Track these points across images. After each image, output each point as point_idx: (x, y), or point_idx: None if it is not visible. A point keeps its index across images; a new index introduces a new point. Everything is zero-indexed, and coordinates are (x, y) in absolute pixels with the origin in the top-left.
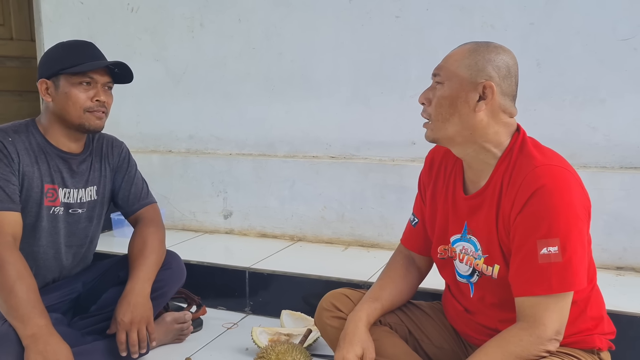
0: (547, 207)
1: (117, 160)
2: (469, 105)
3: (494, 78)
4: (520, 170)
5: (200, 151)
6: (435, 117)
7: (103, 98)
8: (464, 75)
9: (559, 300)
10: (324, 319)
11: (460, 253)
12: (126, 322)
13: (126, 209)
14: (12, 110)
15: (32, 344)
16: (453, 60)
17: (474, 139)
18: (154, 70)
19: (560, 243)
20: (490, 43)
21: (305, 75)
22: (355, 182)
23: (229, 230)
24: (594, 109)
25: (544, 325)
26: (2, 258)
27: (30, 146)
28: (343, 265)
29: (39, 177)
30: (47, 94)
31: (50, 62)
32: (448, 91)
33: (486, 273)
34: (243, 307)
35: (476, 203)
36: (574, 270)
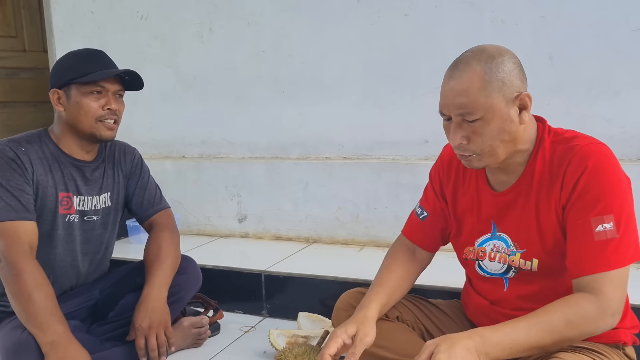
0: (600, 184)
1: (130, 167)
2: (515, 123)
3: (521, 85)
4: (564, 154)
5: (213, 156)
6: (488, 152)
7: (114, 106)
8: (499, 100)
9: (618, 275)
10: (341, 319)
11: (492, 252)
12: (144, 327)
13: (140, 214)
14: (27, 120)
15: (51, 351)
16: (477, 91)
17: (517, 145)
18: (165, 76)
19: (615, 219)
20: (487, 51)
21: (316, 77)
22: (369, 182)
23: (244, 234)
24: (608, 101)
25: (609, 299)
26: (19, 267)
27: (44, 155)
28: (359, 266)
29: (53, 185)
30: (59, 103)
31: (61, 71)
32: (493, 124)
33: (524, 268)
34: (260, 310)
35: (510, 198)
36: (629, 244)
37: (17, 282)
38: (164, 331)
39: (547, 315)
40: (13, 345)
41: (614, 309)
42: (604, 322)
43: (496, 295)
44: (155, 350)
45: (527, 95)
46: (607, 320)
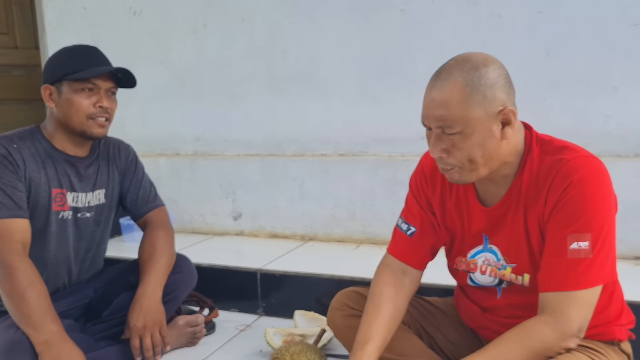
0: (581, 201)
1: (124, 164)
2: (497, 139)
3: (505, 99)
4: (551, 167)
5: (207, 153)
6: (467, 166)
7: (106, 104)
8: (480, 114)
9: (586, 296)
10: (337, 319)
11: (483, 265)
12: (139, 326)
13: (134, 212)
14: (20, 118)
15: (45, 350)
16: (457, 104)
17: (503, 161)
18: (158, 73)
19: (592, 238)
20: (472, 60)
21: (311, 73)
22: (365, 179)
23: (239, 232)
24: (606, 97)
25: (570, 321)
26: (12, 265)
27: (37, 152)
28: (355, 264)
29: (46, 182)
30: (51, 99)
31: (53, 68)
32: (473, 138)
33: (515, 282)
34: (255, 308)
35: (499, 214)
36: (602, 265)
37: (10, 280)
38: (158, 330)
39: (504, 347)
40: (7, 345)
41: (574, 330)
42: (565, 344)
43: (489, 302)
44: (150, 350)
45: (511, 111)
46: (568, 342)
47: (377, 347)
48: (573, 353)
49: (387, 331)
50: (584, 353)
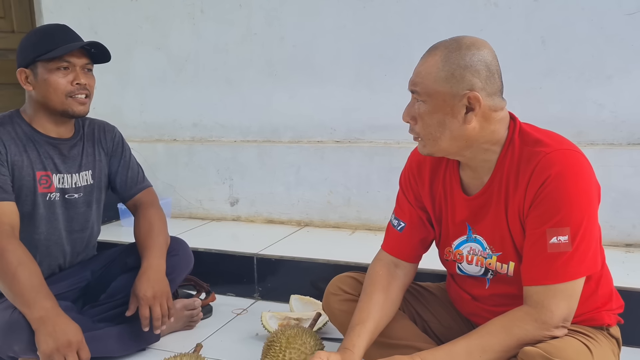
0: (560, 195)
1: (111, 145)
2: (458, 120)
3: (476, 85)
4: (529, 158)
5: (204, 139)
6: (426, 136)
7: (83, 81)
8: (444, 90)
9: (567, 288)
10: (332, 304)
11: (468, 255)
12: (149, 296)
13: (124, 193)
14: (17, 103)
15: (40, 326)
16: (427, 74)
17: (470, 144)
18: (156, 58)
19: (570, 232)
20: (461, 41)
21: (308, 60)
22: (361, 166)
23: (236, 217)
24: (600, 86)
25: (551, 312)
26: (2, 247)
27: (17, 136)
28: (350, 249)
29: (29, 165)
30: (27, 82)
31: (26, 50)
32: (432, 110)
33: (501, 271)
34: (252, 293)
35: (480, 202)
36: (583, 258)
37: (0, 262)
38: (166, 300)
39: (487, 336)
40: (5, 325)
41: (557, 322)
42: (549, 333)
43: (478, 292)
44: (160, 319)
45: (475, 97)
46: (552, 332)
47: (368, 328)
48: (564, 339)
49: (380, 315)
50: (575, 337)
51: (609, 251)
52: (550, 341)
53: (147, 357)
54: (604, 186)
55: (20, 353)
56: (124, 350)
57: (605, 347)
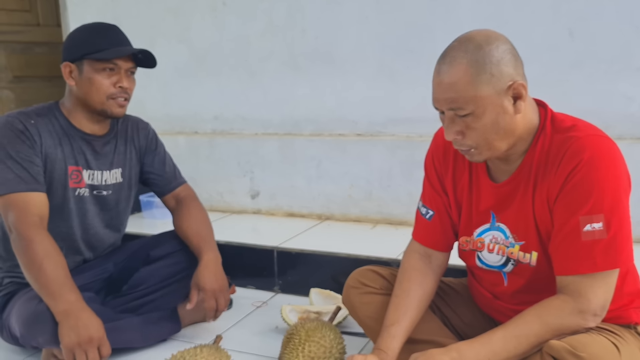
0: (592, 181)
1: (144, 142)
2: (510, 114)
3: (514, 73)
4: (560, 145)
5: (225, 132)
6: (484, 145)
7: (126, 84)
8: (489, 92)
9: (604, 277)
10: (352, 297)
11: (490, 243)
12: (216, 289)
13: (163, 188)
14: (43, 96)
15: (64, 319)
16: (464, 85)
17: (519, 135)
18: (178, 51)
19: (604, 219)
20: (475, 40)
21: (330, 52)
22: (383, 159)
23: (257, 211)
24: (629, 78)
25: (588, 301)
26: (29, 237)
27: (54, 128)
28: (371, 243)
29: (62, 159)
30: (71, 77)
31: (74, 46)
32: (482, 116)
33: (523, 261)
34: (272, 286)
35: (508, 190)
36: (619, 247)
37: (27, 252)
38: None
39: (523, 324)
40: (29, 316)
41: (594, 310)
42: (585, 323)
43: (497, 289)
44: (223, 311)
45: (520, 85)
46: (588, 320)
47: (404, 328)
48: (591, 335)
49: (415, 314)
50: (602, 335)
51: (635, 248)
52: (576, 336)
53: (167, 348)
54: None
55: (43, 344)
56: (145, 341)
57: (632, 346)
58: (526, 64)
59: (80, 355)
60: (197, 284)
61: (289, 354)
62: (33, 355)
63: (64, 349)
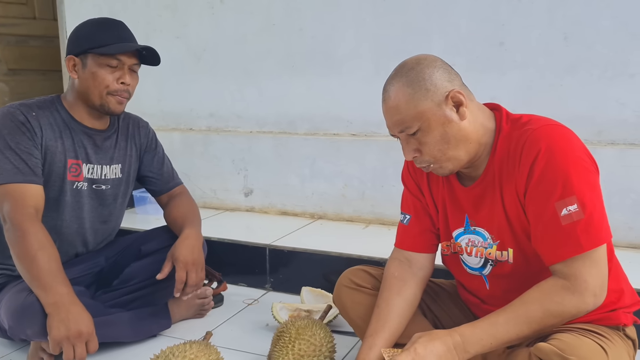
0: (555, 167)
1: (145, 141)
2: (455, 121)
3: (448, 85)
4: (518, 140)
5: (220, 129)
6: (441, 157)
7: (128, 81)
8: (429, 106)
9: (592, 255)
10: (343, 296)
11: (467, 246)
12: (189, 261)
13: (160, 187)
14: (36, 89)
15: (54, 312)
16: (405, 105)
17: (474, 140)
18: (174, 47)
19: (578, 200)
20: (406, 65)
21: (326, 52)
22: (377, 159)
23: (250, 208)
24: (623, 84)
25: (585, 282)
26: (24, 229)
27: (55, 121)
28: (364, 243)
29: (62, 152)
30: (74, 70)
31: (79, 39)
32: (429, 129)
33: (501, 259)
34: (263, 283)
35: (478, 192)
36: (599, 223)
37: (21, 243)
38: (200, 270)
39: (524, 307)
40: (18, 308)
41: (592, 290)
42: (586, 305)
43: (483, 294)
44: (194, 286)
45: (457, 92)
46: (588, 302)
47: (382, 339)
48: (579, 337)
49: (397, 323)
50: (590, 337)
51: (628, 253)
52: (564, 339)
53: (157, 344)
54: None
55: (32, 336)
56: (135, 336)
57: (620, 348)
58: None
59: (67, 348)
60: (171, 254)
61: (278, 351)
62: (21, 348)
63: (52, 341)
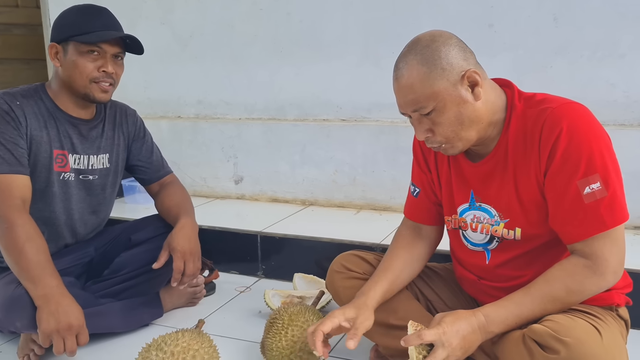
0: (578, 146)
1: (133, 130)
2: (470, 102)
3: (464, 64)
4: (536, 119)
5: (209, 116)
6: (453, 138)
7: (110, 69)
8: (445, 86)
9: (614, 233)
10: (336, 282)
11: (472, 222)
12: (186, 251)
13: (150, 175)
14: (21, 78)
15: (43, 304)
16: (420, 84)
17: (487, 120)
18: (160, 34)
19: (601, 178)
20: (420, 41)
21: (315, 36)
22: (367, 144)
23: (240, 196)
24: (613, 65)
25: (606, 260)
26: (11, 220)
27: (39, 111)
28: (355, 229)
29: (47, 142)
30: (56, 58)
31: (62, 26)
32: (444, 109)
33: (507, 237)
34: (255, 271)
35: (487, 169)
36: (621, 200)
37: (8, 235)
38: (198, 259)
39: (548, 287)
40: (6, 300)
41: (613, 268)
42: (606, 282)
43: (480, 269)
44: (191, 275)
45: (473, 72)
46: (608, 280)
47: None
48: (573, 319)
49: (401, 268)
50: (584, 318)
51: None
52: (558, 320)
53: (149, 333)
54: None
55: (22, 329)
56: (127, 325)
57: (613, 329)
58: (511, 48)
59: (57, 341)
60: (168, 244)
61: (271, 338)
62: (11, 340)
63: (41, 333)
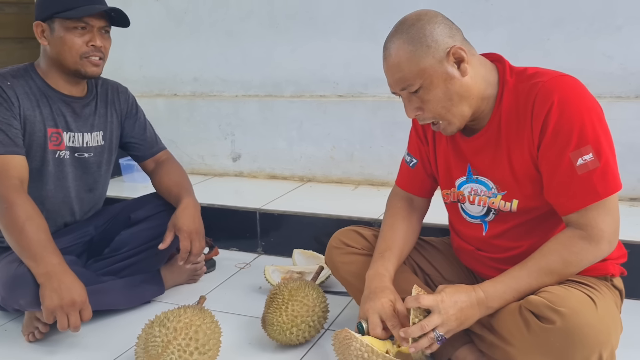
0: (569, 118)
1: (125, 107)
2: (457, 78)
3: (449, 40)
4: (528, 93)
5: (205, 94)
6: (441, 114)
7: (99, 43)
8: (430, 63)
9: (608, 203)
10: (334, 257)
11: (470, 195)
12: (192, 230)
13: (144, 152)
14: (14, 58)
15: (46, 281)
16: (407, 63)
17: (478, 95)
18: (154, 10)
19: (593, 149)
20: (404, 22)
21: (310, 11)
22: (364, 120)
23: (238, 173)
24: (609, 37)
25: (601, 230)
26: (10, 200)
27: (31, 90)
28: (353, 204)
29: (41, 121)
30: (43, 37)
31: (45, 3)
32: (431, 86)
33: (504, 209)
34: (255, 247)
35: (481, 143)
36: (613, 170)
37: (8, 215)
38: (202, 239)
39: (545, 260)
40: (9, 279)
41: (607, 237)
42: (601, 252)
43: (477, 240)
44: (198, 255)
45: (458, 48)
46: (603, 249)
47: (396, 255)
48: (568, 289)
49: (403, 243)
50: (579, 288)
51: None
52: (554, 291)
53: (151, 310)
54: None
55: (25, 306)
56: (129, 302)
57: (608, 299)
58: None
59: (61, 317)
60: (174, 224)
61: (272, 313)
62: (16, 318)
63: (45, 310)
